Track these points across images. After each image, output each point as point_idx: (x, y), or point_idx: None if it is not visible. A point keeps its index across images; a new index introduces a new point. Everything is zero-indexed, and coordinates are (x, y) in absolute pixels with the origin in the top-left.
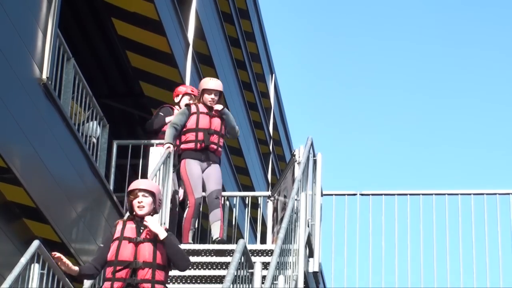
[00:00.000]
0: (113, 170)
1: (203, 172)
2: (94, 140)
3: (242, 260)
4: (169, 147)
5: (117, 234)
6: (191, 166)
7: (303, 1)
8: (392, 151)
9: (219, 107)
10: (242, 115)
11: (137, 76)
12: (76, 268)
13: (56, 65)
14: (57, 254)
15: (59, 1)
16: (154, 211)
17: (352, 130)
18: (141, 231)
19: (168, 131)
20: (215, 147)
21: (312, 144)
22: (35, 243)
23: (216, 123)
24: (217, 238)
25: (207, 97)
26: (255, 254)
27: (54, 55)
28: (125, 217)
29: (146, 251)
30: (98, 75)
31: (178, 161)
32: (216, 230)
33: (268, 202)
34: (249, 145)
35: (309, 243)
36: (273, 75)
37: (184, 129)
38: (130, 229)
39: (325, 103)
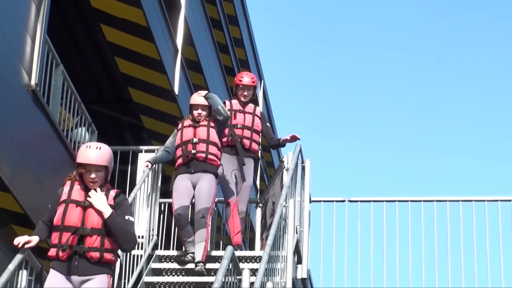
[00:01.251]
0: None
1: (195, 186)
2: None
3: (230, 267)
4: (147, 165)
5: (64, 196)
6: (178, 181)
7: (292, 8)
8: (380, 158)
9: (203, 93)
10: None
11: (126, 82)
12: (37, 237)
13: (44, 71)
14: (20, 243)
15: (48, 7)
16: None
17: (340, 137)
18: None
19: (158, 153)
20: (203, 155)
21: (300, 151)
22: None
23: (202, 132)
24: (199, 261)
25: (194, 113)
26: (243, 261)
27: (43, 61)
28: (73, 176)
29: (95, 216)
30: (86, 81)
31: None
32: (199, 251)
33: (256, 208)
34: None
35: (297, 250)
36: (262, 81)
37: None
38: (78, 192)
39: (314, 109)
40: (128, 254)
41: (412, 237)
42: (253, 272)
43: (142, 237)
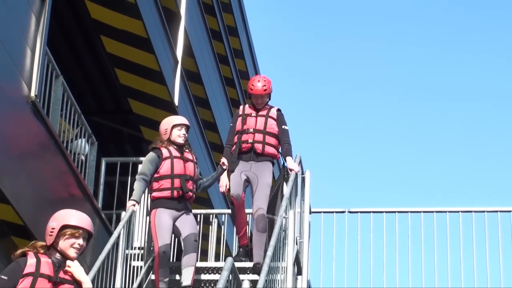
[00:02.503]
0: (101, 187)
1: (175, 221)
2: (83, 157)
3: (230, 278)
4: (133, 204)
5: (30, 268)
6: (161, 216)
7: (292, 19)
8: (380, 169)
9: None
10: None
11: (126, 93)
12: None
13: (44, 82)
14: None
15: (48, 18)
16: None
17: (341, 148)
18: (58, 269)
19: (137, 185)
20: (191, 194)
21: (300, 162)
22: None
23: (191, 168)
24: (188, 285)
25: (177, 133)
26: (243, 272)
27: (43, 72)
28: (38, 246)
29: None
30: (86, 93)
31: (149, 210)
32: (187, 276)
33: None
34: None
35: (297, 261)
36: None
37: (157, 175)
38: (47, 265)
39: (314, 120)
40: (128, 265)
41: (412, 248)
42: (253, 283)
43: (142, 248)
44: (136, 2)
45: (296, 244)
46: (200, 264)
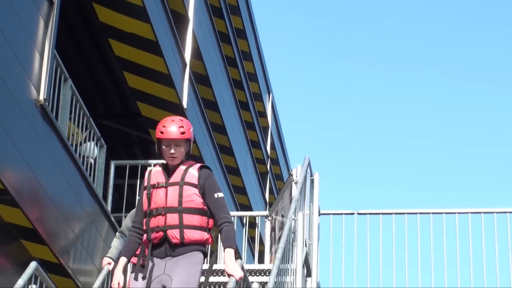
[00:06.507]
0: (110, 190)
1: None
2: (92, 160)
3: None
4: (109, 263)
5: None
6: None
7: (300, 20)
8: (389, 171)
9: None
10: (240, 134)
11: (134, 96)
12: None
13: (53, 86)
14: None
15: (56, 22)
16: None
17: (349, 150)
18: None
19: (114, 242)
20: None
21: (309, 164)
22: (33, 264)
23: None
24: None
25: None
26: (252, 274)
27: (51, 76)
28: None
29: None
30: (95, 96)
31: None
32: None
33: (265, 221)
34: (247, 165)
35: (306, 263)
36: (271, 94)
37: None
38: None
39: (322, 122)
40: None
41: (421, 249)
42: (263, 285)
43: None
44: (144, 5)
45: (306, 246)
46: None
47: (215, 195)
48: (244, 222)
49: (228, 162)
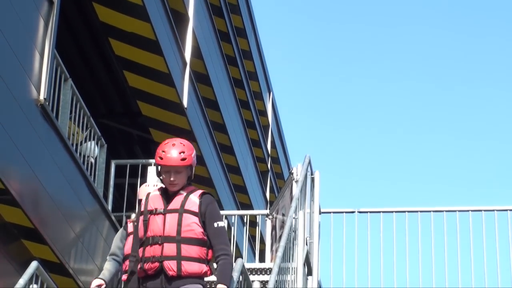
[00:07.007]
0: (111, 189)
1: None
2: (92, 160)
3: (241, 279)
4: (100, 284)
5: None
6: None
7: (300, 19)
8: (390, 169)
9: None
10: (240, 133)
11: (135, 95)
12: None
13: (53, 85)
14: None
15: (56, 22)
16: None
17: (350, 148)
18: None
19: (106, 264)
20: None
21: (309, 162)
22: (34, 264)
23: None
24: None
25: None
26: (253, 273)
27: (52, 76)
28: None
29: None
30: (95, 95)
31: None
32: None
33: (266, 220)
34: (247, 163)
35: (307, 261)
36: (271, 93)
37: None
38: None
39: (323, 121)
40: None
41: (422, 247)
42: (264, 284)
43: None
44: (144, 5)
45: (306, 244)
46: None
47: (215, 224)
48: (245, 220)
49: (229, 161)
